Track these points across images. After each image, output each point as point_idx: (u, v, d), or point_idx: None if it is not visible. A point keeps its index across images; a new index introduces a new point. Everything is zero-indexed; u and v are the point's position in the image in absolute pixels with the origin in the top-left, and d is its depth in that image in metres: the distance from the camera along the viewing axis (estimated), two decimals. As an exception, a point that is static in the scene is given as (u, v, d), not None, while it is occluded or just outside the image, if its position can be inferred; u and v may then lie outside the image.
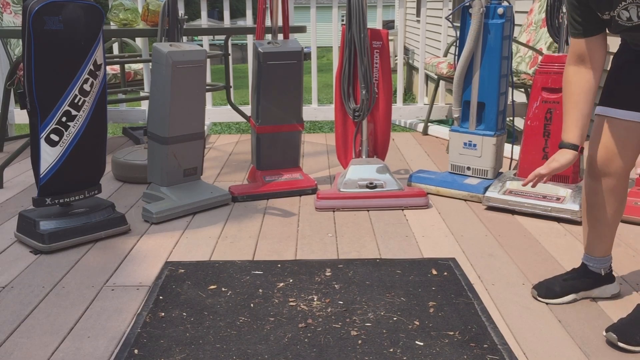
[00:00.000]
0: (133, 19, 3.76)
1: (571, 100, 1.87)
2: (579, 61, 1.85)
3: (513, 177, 3.01)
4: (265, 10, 3.18)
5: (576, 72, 1.86)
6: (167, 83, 2.74)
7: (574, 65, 1.87)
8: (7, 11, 4.14)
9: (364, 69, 3.01)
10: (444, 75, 4.37)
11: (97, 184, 2.64)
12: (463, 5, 3.05)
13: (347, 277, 2.23)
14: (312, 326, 1.90)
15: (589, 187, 1.97)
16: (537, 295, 2.06)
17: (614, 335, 1.76)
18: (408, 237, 2.62)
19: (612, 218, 1.96)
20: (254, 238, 2.63)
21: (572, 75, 1.87)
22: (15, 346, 1.81)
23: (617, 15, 1.74)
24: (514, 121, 3.43)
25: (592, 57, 1.84)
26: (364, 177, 3.03)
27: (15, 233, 2.58)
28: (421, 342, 1.80)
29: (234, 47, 17.62)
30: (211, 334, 1.85)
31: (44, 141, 2.41)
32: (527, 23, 4.45)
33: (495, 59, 3.01)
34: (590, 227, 2.02)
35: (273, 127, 3.15)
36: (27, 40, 2.31)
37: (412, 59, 12.61)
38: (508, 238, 2.60)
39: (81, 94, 2.44)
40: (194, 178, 3.00)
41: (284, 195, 3.17)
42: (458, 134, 3.18)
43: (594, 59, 1.84)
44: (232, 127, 8.66)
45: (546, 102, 2.88)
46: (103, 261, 2.40)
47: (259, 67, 3.06)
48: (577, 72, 1.86)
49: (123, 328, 1.91)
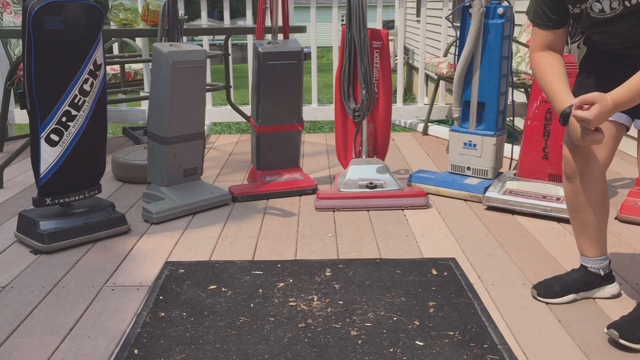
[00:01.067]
0: (133, 19, 3.76)
1: (550, 75, 1.89)
2: (545, 49, 1.93)
3: (513, 177, 3.01)
4: (265, 10, 3.18)
5: (544, 55, 1.93)
6: (167, 83, 2.74)
7: (539, 51, 1.94)
8: (7, 11, 4.14)
9: (364, 69, 3.01)
10: (444, 75, 4.37)
11: (97, 184, 2.64)
12: (463, 5, 3.05)
13: (347, 277, 2.23)
14: (312, 326, 1.90)
15: (567, 190, 1.97)
16: (537, 295, 2.06)
17: (616, 332, 1.76)
18: (408, 237, 2.62)
19: (598, 218, 1.96)
20: (254, 238, 2.63)
21: (541, 57, 1.93)
22: (15, 346, 1.81)
23: (590, 7, 1.77)
24: (514, 121, 3.43)
25: (556, 46, 1.93)
26: (364, 177, 3.03)
27: (15, 233, 2.58)
28: (421, 342, 1.80)
29: (234, 47, 17.62)
30: (211, 334, 1.85)
31: (44, 141, 2.41)
32: (527, 23, 4.45)
33: (495, 59, 3.01)
34: (578, 230, 2.02)
35: (273, 127, 3.15)
36: (27, 40, 2.31)
37: (412, 59, 12.61)
38: (508, 238, 2.60)
39: (81, 94, 2.44)
40: (194, 178, 3.00)
41: (284, 195, 3.17)
42: (458, 134, 3.18)
43: (558, 48, 1.94)
44: (232, 127, 8.66)
45: (546, 102, 2.87)
46: (103, 261, 2.40)
47: (259, 67, 3.06)
48: (545, 55, 1.92)
49: (123, 328, 1.91)
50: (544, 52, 1.92)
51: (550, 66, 1.89)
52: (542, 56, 1.92)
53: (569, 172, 1.93)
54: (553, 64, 1.89)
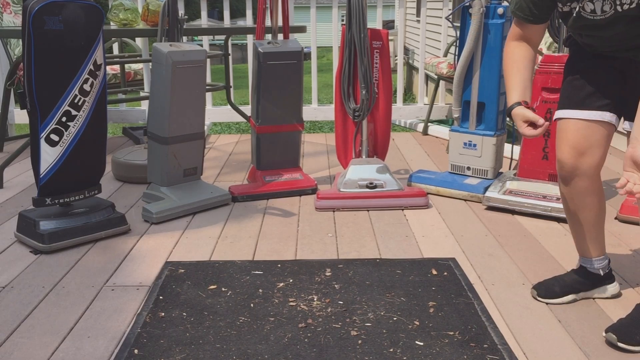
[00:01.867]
0: (133, 19, 3.76)
1: (513, 67, 1.95)
2: (520, 39, 1.97)
3: (513, 177, 3.01)
4: (265, 10, 3.18)
5: (517, 45, 1.97)
6: (167, 83, 2.74)
7: (514, 41, 1.98)
8: (7, 11, 4.14)
9: (364, 69, 3.01)
10: (444, 75, 4.37)
11: (97, 184, 2.64)
12: (463, 5, 3.05)
13: (347, 277, 2.23)
14: (312, 326, 1.90)
15: (564, 194, 1.97)
16: (537, 295, 2.06)
17: (614, 335, 1.76)
18: (408, 237, 2.62)
19: (595, 219, 1.96)
20: (254, 238, 2.63)
21: (513, 48, 1.97)
22: (15, 346, 1.81)
23: (582, 7, 1.77)
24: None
25: (532, 39, 1.97)
26: (364, 177, 3.03)
27: (15, 233, 2.58)
28: (421, 342, 1.80)
29: (234, 47, 17.62)
30: (211, 334, 1.85)
31: (44, 141, 2.41)
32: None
33: (495, 59, 3.01)
34: (576, 232, 2.02)
35: (273, 127, 3.15)
36: (27, 40, 2.31)
37: (412, 59, 12.61)
38: (508, 238, 2.60)
39: (81, 94, 2.44)
40: (194, 178, 3.00)
41: (284, 195, 3.17)
42: (458, 134, 3.18)
43: (533, 41, 1.97)
44: (232, 127, 8.66)
45: (546, 102, 2.87)
46: (103, 261, 2.40)
47: (259, 67, 3.06)
48: (517, 46, 1.97)
49: (123, 328, 1.91)
50: (517, 43, 1.97)
51: (516, 60, 1.95)
52: (515, 46, 1.97)
53: (563, 174, 1.93)
54: (520, 58, 1.95)
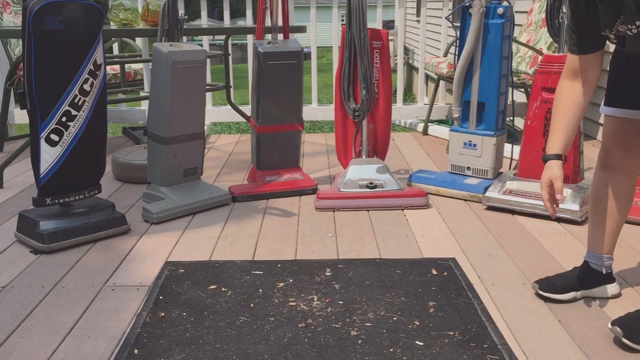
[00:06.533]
0: (133, 19, 3.76)
1: (560, 112, 1.87)
2: (573, 76, 1.86)
3: (513, 177, 3.01)
4: (265, 10, 3.18)
5: (568, 85, 1.87)
6: (167, 83, 2.74)
7: (567, 79, 1.88)
8: (7, 11, 4.14)
9: (364, 69, 3.01)
10: (444, 75, 4.37)
11: (97, 184, 2.64)
12: (463, 5, 3.05)
13: (347, 277, 2.23)
14: (312, 326, 1.90)
15: (599, 178, 1.98)
16: (539, 289, 2.06)
17: (620, 330, 1.76)
18: (408, 237, 2.62)
19: (619, 212, 1.98)
20: (254, 238, 2.63)
21: (564, 87, 1.88)
22: (15, 346, 1.81)
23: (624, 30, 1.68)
24: (514, 121, 3.43)
25: (585, 73, 1.84)
26: (364, 177, 3.03)
27: (15, 233, 2.58)
28: (421, 342, 1.80)
29: (234, 47, 17.62)
30: (211, 334, 1.85)
31: (44, 141, 2.41)
32: (527, 23, 4.45)
33: (495, 59, 3.01)
34: (595, 223, 2.03)
35: (273, 127, 3.15)
36: (27, 40, 2.31)
37: (412, 59, 12.61)
38: (508, 238, 2.60)
39: (81, 94, 2.44)
40: (194, 178, 3.00)
41: (284, 195, 3.17)
42: (458, 134, 3.18)
43: (587, 75, 1.84)
44: (232, 127, 8.67)
45: (546, 102, 2.88)
46: (103, 261, 2.40)
47: (259, 67, 3.06)
48: (569, 86, 1.87)
49: (123, 328, 1.91)
50: (570, 82, 1.86)
51: (567, 106, 1.85)
52: (564, 85, 1.88)
53: (606, 162, 1.95)
54: (567, 101, 1.85)
